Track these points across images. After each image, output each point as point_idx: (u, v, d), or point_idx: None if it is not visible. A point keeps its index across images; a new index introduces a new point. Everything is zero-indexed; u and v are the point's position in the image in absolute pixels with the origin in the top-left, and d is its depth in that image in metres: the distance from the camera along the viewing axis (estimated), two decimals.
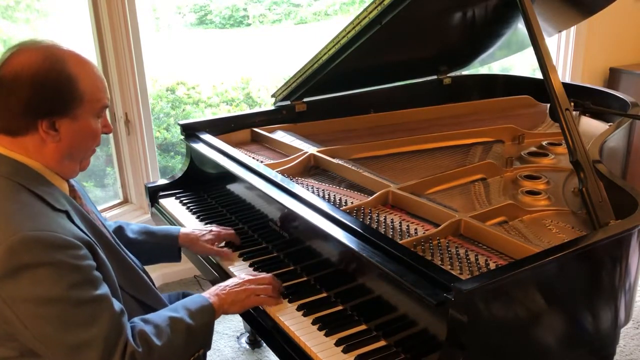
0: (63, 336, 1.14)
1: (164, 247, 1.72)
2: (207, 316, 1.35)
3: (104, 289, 1.20)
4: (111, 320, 1.18)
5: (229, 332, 2.71)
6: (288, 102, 2.38)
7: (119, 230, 1.69)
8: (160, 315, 1.31)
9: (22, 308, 1.12)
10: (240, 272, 1.66)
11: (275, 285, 1.50)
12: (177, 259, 1.77)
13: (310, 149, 2.05)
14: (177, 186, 2.23)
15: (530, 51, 1.78)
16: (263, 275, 1.53)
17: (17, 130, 1.20)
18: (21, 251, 1.11)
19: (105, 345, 1.16)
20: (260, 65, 4.90)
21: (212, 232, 1.77)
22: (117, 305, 1.21)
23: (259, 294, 1.46)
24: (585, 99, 2.19)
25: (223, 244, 1.79)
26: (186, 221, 2.00)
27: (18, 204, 1.16)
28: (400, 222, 1.58)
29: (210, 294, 1.42)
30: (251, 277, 1.50)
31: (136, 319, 1.28)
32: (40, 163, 1.24)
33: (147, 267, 1.57)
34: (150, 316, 1.30)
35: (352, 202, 1.70)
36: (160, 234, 1.74)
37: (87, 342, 1.15)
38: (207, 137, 2.16)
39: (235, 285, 1.45)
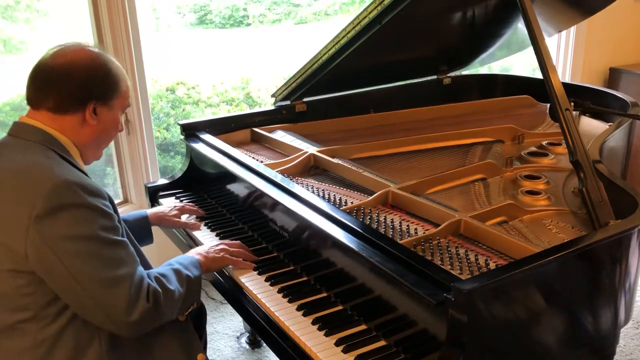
0: (98, 271, 1.25)
1: (139, 230, 1.81)
2: (198, 270, 1.52)
3: (125, 238, 1.35)
4: (135, 262, 1.33)
5: (229, 332, 2.71)
6: (288, 102, 2.38)
7: None
8: (164, 268, 1.45)
9: (60, 245, 1.24)
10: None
11: (244, 249, 1.71)
12: (151, 239, 1.89)
13: (310, 149, 2.05)
14: (177, 186, 2.23)
15: (530, 51, 1.78)
16: (233, 242, 1.73)
17: (65, 108, 1.36)
18: (63, 192, 1.25)
19: (133, 282, 1.28)
20: (260, 65, 4.90)
21: (177, 207, 1.97)
22: (135, 254, 1.36)
23: (233, 254, 1.65)
24: (585, 99, 2.19)
25: (192, 218, 2.00)
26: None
27: (54, 160, 1.32)
28: (400, 222, 1.58)
29: (193, 253, 1.60)
30: (224, 242, 1.71)
31: (148, 270, 1.41)
32: (70, 139, 1.38)
33: None
34: (156, 269, 1.45)
35: (352, 202, 1.70)
36: (132, 219, 1.83)
37: (120, 278, 1.27)
38: (207, 137, 2.16)
39: (213, 246, 1.66)
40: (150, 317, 1.31)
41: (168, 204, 2.03)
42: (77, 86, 1.35)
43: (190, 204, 2.05)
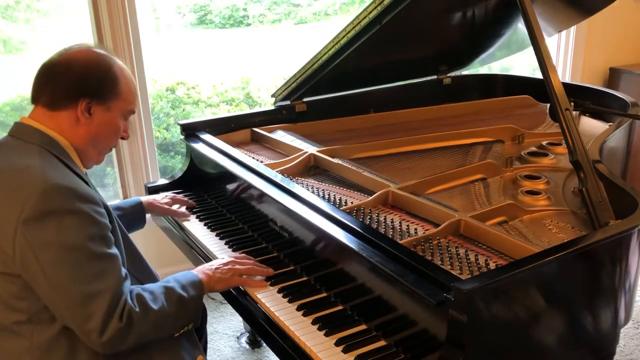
0: (76, 285, 1.22)
1: (134, 215, 1.87)
2: (197, 290, 1.44)
3: (114, 250, 1.31)
4: (118, 278, 1.28)
5: (229, 332, 2.71)
6: (288, 102, 2.38)
7: None
8: (156, 285, 1.41)
9: (44, 252, 1.22)
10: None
11: (257, 266, 1.61)
12: (143, 224, 1.93)
13: (310, 148, 2.05)
14: (177, 186, 2.23)
15: (530, 51, 1.78)
16: (244, 259, 1.62)
17: (59, 104, 1.35)
18: (52, 197, 1.22)
19: (111, 300, 1.24)
20: (260, 65, 4.89)
21: (168, 197, 2.03)
22: (122, 269, 1.31)
23: (243, 274, 1.56)
24: (585, 99, 2.19)
25: (183, 208, 2.05)
26: (186, 221, 2.00)
27: (49, 162, 1.30)
28: (400, 222, 1.58)
29: (198, 271, 1.51)
30: (235, 259, 1.60)
31: (135, 286, 1.36)
32: (69, 141, 1.37)
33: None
34: (146, 285, 1.41)
35: (352, 202, 1.70)
36: (128, 206, 1.88)
37: (96, 293, 1.23)
38: (207, 137, 2.16)
39: (221, 265, 1.55)
40: (124, 337, 1.26)
41: (161, 196, 2.07)
42: (70, 82, 1.34)
43: (181, 195, 2.10)
